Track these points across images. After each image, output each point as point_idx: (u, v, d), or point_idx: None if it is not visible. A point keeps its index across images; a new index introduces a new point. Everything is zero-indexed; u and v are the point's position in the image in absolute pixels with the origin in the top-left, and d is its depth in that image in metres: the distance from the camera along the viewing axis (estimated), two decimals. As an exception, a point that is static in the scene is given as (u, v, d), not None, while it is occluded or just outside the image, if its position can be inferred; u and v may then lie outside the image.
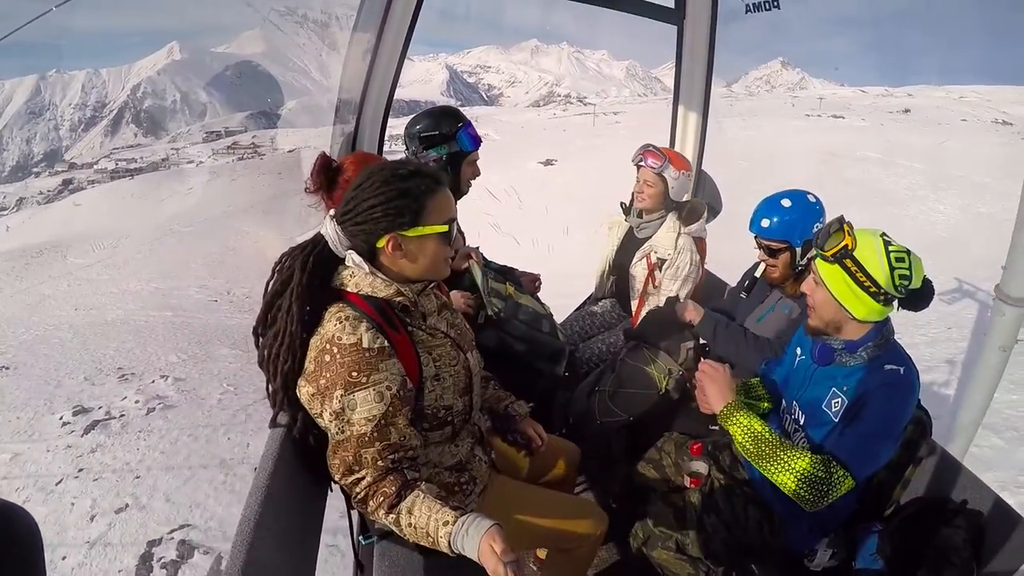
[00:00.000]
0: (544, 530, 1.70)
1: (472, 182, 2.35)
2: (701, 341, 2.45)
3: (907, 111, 58.59)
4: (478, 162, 2.36)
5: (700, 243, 2.83)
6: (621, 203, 2.99)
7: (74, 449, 5.43)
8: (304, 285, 1.33)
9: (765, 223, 2.11)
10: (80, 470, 5.07)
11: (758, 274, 2.34)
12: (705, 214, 2.85)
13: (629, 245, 2.93)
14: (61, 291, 15.13)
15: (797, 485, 1.52)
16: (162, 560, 3.86)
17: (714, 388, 1.72)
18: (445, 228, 1.40)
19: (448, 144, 2.23)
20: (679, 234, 2.75)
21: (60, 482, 4.91)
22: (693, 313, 2.35)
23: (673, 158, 2.73)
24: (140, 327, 9.98)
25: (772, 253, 2.15)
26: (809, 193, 2.13)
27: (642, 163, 2.74)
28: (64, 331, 10.12)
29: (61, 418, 6.04)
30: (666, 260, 2.74)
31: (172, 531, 4.13)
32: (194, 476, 4.85)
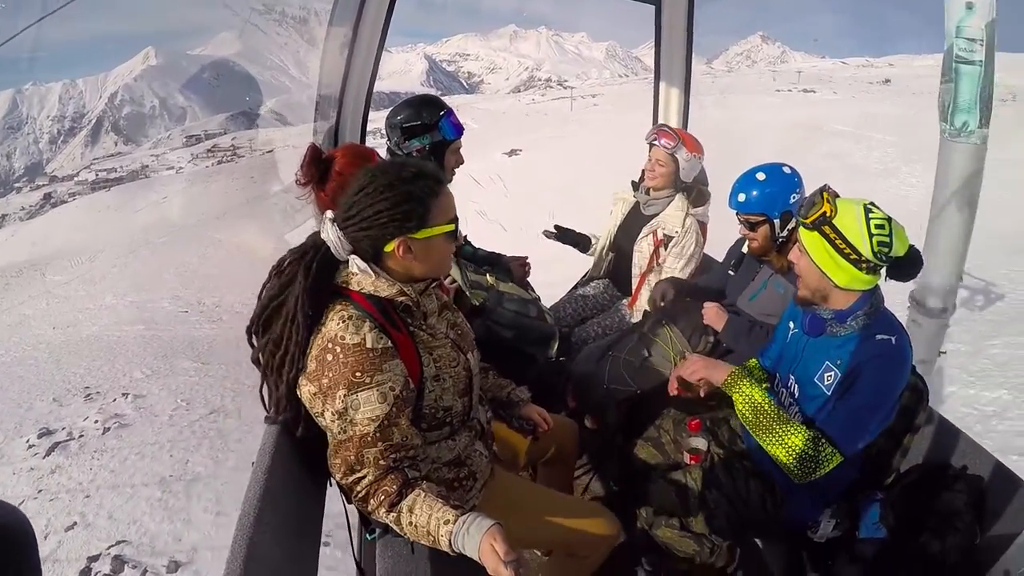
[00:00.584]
0: (550, 533, 1.68)
1: (456, 170, 2.35)
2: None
3: (887, 81, 58.52)
4: (461, 150, 2.36)
5: (703, 227, 2.86)
6: (633, 181, 2.99)
7: (36, 471, 5.60)
8: (308, 291, 1.31)
9: (742, 197, 2.15)
10: (39, 491, 5.25)
11: (745, 249, 2.36)
12: (709, 200, 2.86)
13: (633, 222, 2.92)
14: (40, 310, 15.01)
15: (787, 458, 1.56)
16: (98, 574, 4.08)
17: (709, 368, 1.76)
18: (452, 227, 1.41)
19: (431, 133, 2.24)
20: (687, 214, 2.76)
21: (22, 503, 5.04)
22: (716, 319, 2.34)
23: (686, 140, 2.74)
24: (112, 343, 10.01)
25: (751, 226, 2.19)
26: (785, 165, 2.17)
27: (655, 142, 2.74)
28: (41, 351, 10.15)
29: (27, 441, 6.18)
30: (673, 237, 2.75)
31: (110, 547, 4.34)
32: (136, 494, 5.04)
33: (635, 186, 2.95)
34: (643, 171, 2.87)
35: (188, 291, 13.83)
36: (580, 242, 3.12)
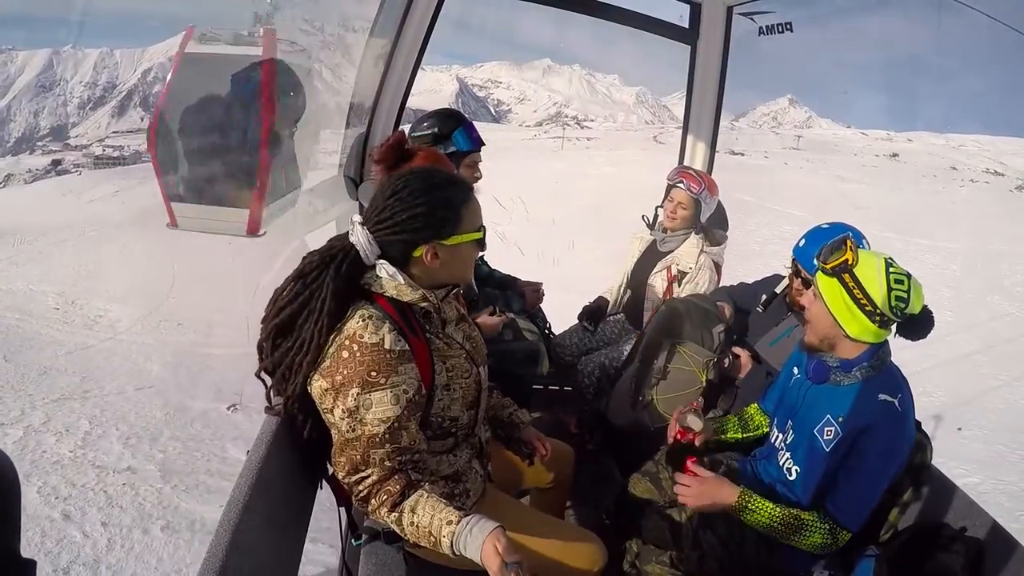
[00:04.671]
0: (537, 557, 1.63)
1: (474, 185, 2.34)
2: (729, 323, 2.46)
3: (895, 155, 58.76)
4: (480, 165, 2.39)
5: (717, 268, 2.87)
6: (643, 216, 3.03)
7: None
8: (335, 294, 1.32)
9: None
10: None
11: (778, 290, 2.35)
12: (726, 241, 2.89)
13: (648, 259, 2.96)
14: (-36, 285, 15.27)
15: (811, 550, 1.61)
16: None
17: (711, 494, 1.66)
18: (480, 235, 1.43)
19: (444, 144, 2.28)
20: (701, 251, 2.79)
21: None
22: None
23: (710, 184, 2.78)
24: (-21, 330, 10.20)
25: (807, 283, 2.12)
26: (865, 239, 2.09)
27: (679, 185, 2.75)
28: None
29: None
30: (687, 274, 2.78)
31: None
32: None
33: (649, 224, 3.00)
34: (658, 209, 2.93)
35: (74, 289, 13.87)
36: (602, 307, 3.11)
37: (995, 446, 6.86)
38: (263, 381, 1.44)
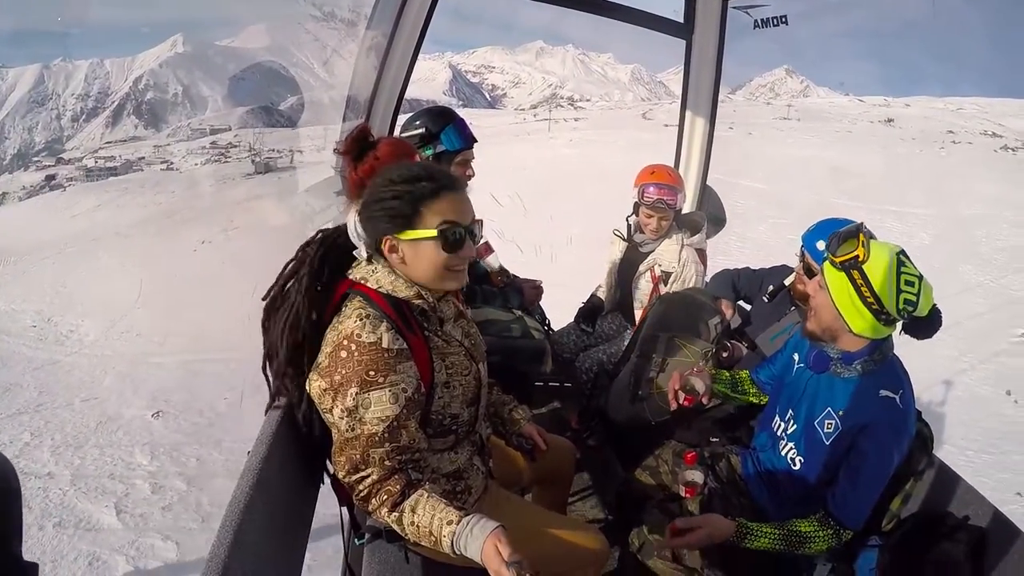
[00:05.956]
0: (539, 551, 1.58)
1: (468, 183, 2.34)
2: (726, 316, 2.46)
3: (890, 121, 57.75)
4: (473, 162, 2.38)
5: (701, 254, 2.85)
6: (615, 231, 3.02)
7: None
8: (318, 262, 1.37)
9: (820, 246, 2.01)
10: None
11: (787, 282, 2.33)
12: (705, 226, 2.88)
13: (631, 258, 2.94)
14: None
15: (822, 554, 1.60)
16: None
17: (708, 536, 1.58)
18: (434, 233, 1.34)
19: (434, 143, 2.26)
20: (682, 246, 2.76)
21: None
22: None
23: (677, 182, 2.73)
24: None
25: (809, 273, 2.10)
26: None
27: (659, 205, 2.69)
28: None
29: None
30: (671, 273, 2.74)
31: None
32: None
33: (624, 237, 2.97)
34: (630, 219, 2.91)
35: (51, 307, 14.34)
36: (597, 307, 3.13)
37: (942, 447, 6.47)
38: (266, 376, 1.45)
